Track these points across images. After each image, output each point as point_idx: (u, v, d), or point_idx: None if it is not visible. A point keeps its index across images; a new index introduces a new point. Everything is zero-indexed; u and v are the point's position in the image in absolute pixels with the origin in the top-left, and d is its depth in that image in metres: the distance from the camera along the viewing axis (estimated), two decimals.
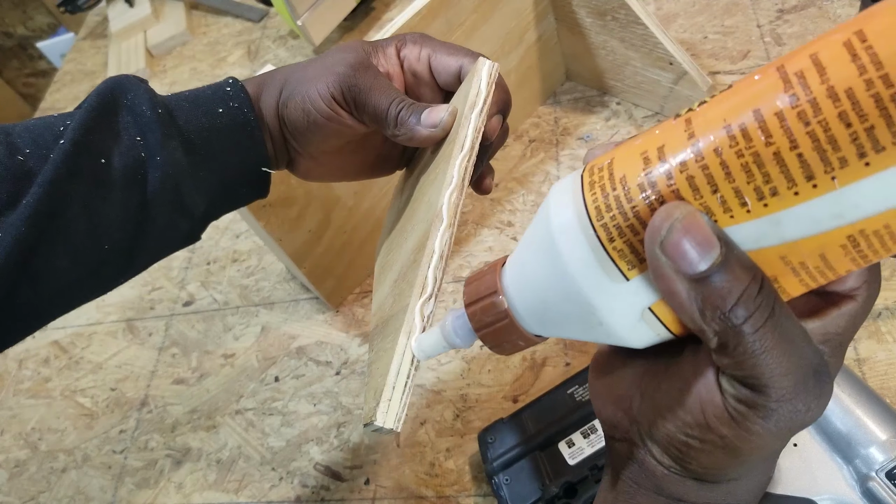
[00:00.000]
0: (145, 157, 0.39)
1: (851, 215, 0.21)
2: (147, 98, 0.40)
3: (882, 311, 0.54)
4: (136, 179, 0.39)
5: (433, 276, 0.36)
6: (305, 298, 0.72)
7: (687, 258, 0.22)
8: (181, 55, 1.08)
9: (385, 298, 0.42)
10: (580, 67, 0.76)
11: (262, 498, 0.61)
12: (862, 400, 0.46)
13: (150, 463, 0.67)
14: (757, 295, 0.22)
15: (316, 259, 0.65)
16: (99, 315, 0.81)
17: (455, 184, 0.38)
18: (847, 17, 0.72)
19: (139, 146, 0.39)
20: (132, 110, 0.39)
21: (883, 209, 0.21)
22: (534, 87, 0.76)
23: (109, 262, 0.40)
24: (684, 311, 0.23)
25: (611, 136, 0.72)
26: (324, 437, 0.63)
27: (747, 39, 0.74)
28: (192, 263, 0.81)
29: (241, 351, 0.71)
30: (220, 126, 0.41)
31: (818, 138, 0.20)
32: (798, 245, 0.22)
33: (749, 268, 0.22)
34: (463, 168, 0.38)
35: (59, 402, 0.75)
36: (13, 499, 0.69)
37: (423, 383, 0.62)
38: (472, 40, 0.66)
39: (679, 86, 0.67)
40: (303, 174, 0.46)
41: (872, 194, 0.20)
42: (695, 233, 0.22)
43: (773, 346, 0.23)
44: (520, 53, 0.72)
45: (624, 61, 0.70)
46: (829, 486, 0.45)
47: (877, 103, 0.19)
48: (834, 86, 0.20)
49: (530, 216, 0.69)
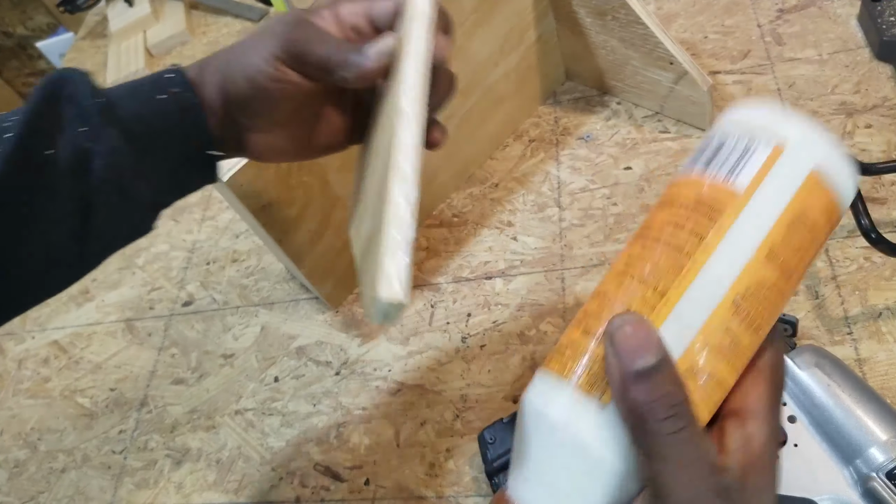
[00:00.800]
0: (88, 147, 0.39)
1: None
2: (88, 89, 0.40)
3: (883, 311, 0.54)
4: (81, 170, 0.39)
5: (409, 165, 0.34)
6: (305, 298, 0.72)
7: (630, 356, 0.25)
8: (181, 55, 1.08)
9: (364, 230, 0.41)
10: (580, 67, 0.76)
11: (261, 498, 0.61)
12: (862, 400, 0.46)
13: (149, 463, 0.67)
14: (679, 404, 0.24)
15: (316, 259, 0.65)
16: (98, 315, 0.81)
17: (412, 83, 0.36)
18: (847, 17, 0.72)
19: (82, 136, 0.39)
20: (74, 101, 0.39)
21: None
22: (534, 87, 0.76)
23: (59, 255, 0.41)
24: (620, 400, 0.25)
25: (611, 136, 0.72)
26: (323, 437, 0.63)
27: (747, 39, 0.74)
28: (191, 263, 0.81)
29: (241, 351, 0.71)
30: (160, 112, 0.41)
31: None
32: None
33: (677, 379, 0.25)
34: (419, 72, 0.36)
35: (59, 403, 0.74)
36: (13, 499, 0.69)
37: (422, 383, 0.62)
38: (472, 41, 0.66)
39: (679, 85, 0.66)
40: (256, 155, 0.45)
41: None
42: (639, 333, 0.25)
43: (679, 455, 0.24)
44: (520, 53, 0.72)
45: (624, 61, 0.70)
46: (830, 486, 0.45)
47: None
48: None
49: (530, 216, 0.69)
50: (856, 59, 0.68)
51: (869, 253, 0.57)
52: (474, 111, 0.71)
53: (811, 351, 0.49)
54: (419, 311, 0.67)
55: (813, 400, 0.47)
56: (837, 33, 0.71)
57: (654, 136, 0.70)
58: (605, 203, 0.68)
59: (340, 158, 0.61)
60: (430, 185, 0.71)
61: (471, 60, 0.67)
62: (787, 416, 0.48)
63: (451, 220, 0.72)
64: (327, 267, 0.66)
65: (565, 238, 0.67)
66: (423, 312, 0.67)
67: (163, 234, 0.85)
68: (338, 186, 0.62)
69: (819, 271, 0.57)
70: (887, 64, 0.67)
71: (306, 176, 0.59)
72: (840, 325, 0.54)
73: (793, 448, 0.47)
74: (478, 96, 0.70)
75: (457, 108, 0.68)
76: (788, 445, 0.47)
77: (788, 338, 0.51)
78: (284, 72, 0.40)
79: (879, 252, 0.52)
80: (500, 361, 0.61)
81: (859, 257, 0.57)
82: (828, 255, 0.58)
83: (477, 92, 0.70)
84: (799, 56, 0.71)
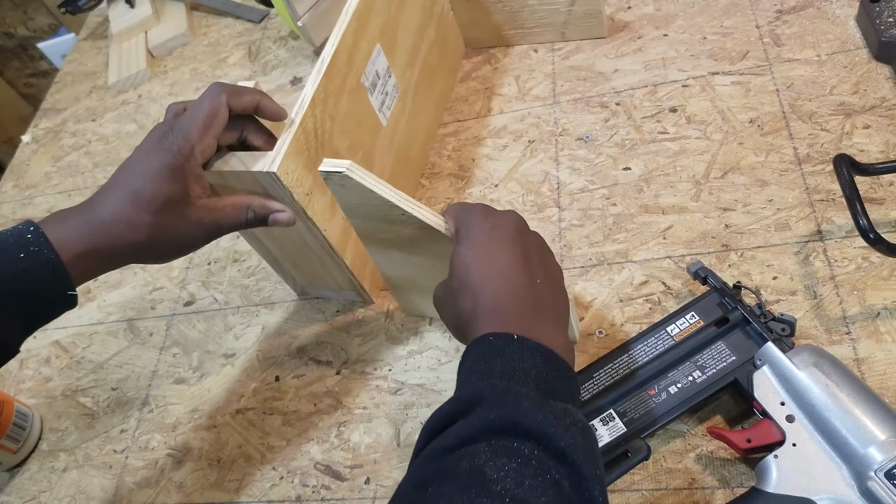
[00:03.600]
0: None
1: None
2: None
3: (881, 310, 0.54)
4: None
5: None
6: (306, 298, 0.73)
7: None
8: (182, 56, 1.09)
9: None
10: (478, 32, 0.83)
11: (262, 497, 0.61)
12: (861, 400, 0.46)
13: (150, 462, 0.67)
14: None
15: (354, 246, 0.64)
16: (100, 315, 0.81)
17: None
18: (845, 18, 0.72)
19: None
20: None
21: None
22: (449, 61, 0.82)
23: None
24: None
25: (610, 137, 0.72)
26: (324, 436, 0.63)
27: (746, 40, 0.74)
28: (192, 263, 0.81)
29: (242, 351, 0.71)
30: (22, 270, 0.46)
31: None
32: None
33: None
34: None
35: (61, 402, 0.75)
36: (14, 498, 0.69)
37: (423, 383, 0.63)
38: (403, 13, 0.70)
39: (576, 6, 0.74)
40: (152, 261, 0.53)
41: None
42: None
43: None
44: (434, 26, 0.77)
45: (520, 6, 0.77)
46: (828, 485, 0.45)
47: None
48: None
49: (530, 216, 0.69)
50: (854, 60, 0.69)
51: (867, 253, 0.57)
52: (421, 82, 0.75)
53: (809, 350, 0.49)
54: None
55: (811, 399, 0.47)
56: (836, 34, 0.71)
57: (654, 136, 0.71)
58: (604, 203, 0.68)
59: (349, 139, 0.61)
60: (408, 160, 0.74)
61: (408, 31, 0.71)
62: (786, 416, 0.48)
63: None
64: (364, 255, 0.66)
65: (565, 238, 0.67)
66: None
67: None
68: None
69: (817, 271, 0.57)
70: (886, 65, 0.67)
71: (329, 158, 0.59)
72: (838, 325, 0.55)
73: (791, 448, 0.47)
74: (419, 66, 0.74)
75: (409, 80, 0.73)
76: (787, 445, 0.47)
77: (787, 337, 0.51)
78: (171, 226, 0.50)
79: (877, 252, 0.52)
80: None
81: (857, 257, 0.57)
82: (826, 255, 0.58)
83: (418, 62, 0.74)
84: (797, 57, 0.71)
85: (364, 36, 0.63)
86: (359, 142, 0.64)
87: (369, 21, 0.63)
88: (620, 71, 0.77)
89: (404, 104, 0.72)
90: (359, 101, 0.63)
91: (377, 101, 0.66)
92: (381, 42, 0.66)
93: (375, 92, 0.65)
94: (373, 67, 0.64)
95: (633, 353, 0.54)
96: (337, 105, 0.60)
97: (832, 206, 0.61)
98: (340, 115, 0.60)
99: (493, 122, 0.79)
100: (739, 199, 0.64)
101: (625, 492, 0.52)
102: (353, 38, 0.61)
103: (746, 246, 0.61)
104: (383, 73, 0.67)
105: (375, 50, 0.65)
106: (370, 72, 0.64)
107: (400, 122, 0.71)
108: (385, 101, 0.68)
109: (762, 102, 0.69)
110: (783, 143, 0.66)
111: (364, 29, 0.63)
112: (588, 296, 0.62)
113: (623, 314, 0.60)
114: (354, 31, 0.61)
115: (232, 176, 0.54)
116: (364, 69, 0.63)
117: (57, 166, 1.02)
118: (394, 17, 0.68)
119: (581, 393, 0.53)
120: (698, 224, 0.63)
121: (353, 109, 0.62)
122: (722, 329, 0.53)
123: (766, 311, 0.53)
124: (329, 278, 0.67)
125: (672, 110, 0.72)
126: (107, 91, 1.09)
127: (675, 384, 0.52)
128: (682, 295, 0.60)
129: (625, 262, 0.63)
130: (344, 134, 0.61)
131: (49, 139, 1.07)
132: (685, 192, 0.66)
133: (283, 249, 0.65)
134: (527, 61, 0.82)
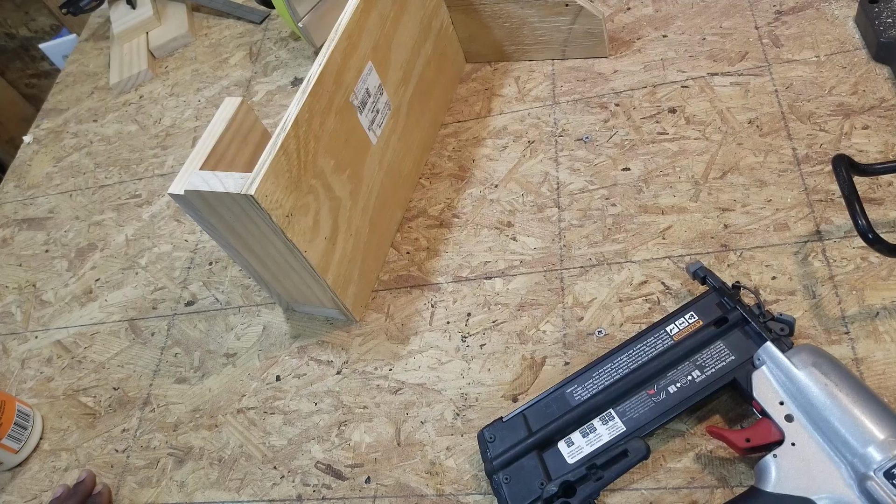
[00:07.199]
0: None
1: None
2: None
3: (880, 310, 0.54)
4: None
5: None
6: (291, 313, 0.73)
7: None
8: (183, 57, 1.09)
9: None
10: (477, 47, 0.82)
11: (263, 496, 0.62)
12: (860, 399, 0.46)
13: (152, 462, 0.67)
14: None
15: (337, 268, 0.64)
16: (102, 315, 0.81)
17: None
18: (844, 18, 0.72)
19: None
20: None
21: None
22: (447, 75, 0.81)
23: None
24: None
25: (609, 137, 0.72)
26: (325, 435, 0.63)
27: (745, 41, 0.75)
28: (194, 264, 0.81)
29: (243, 350, 0.72)
30: None
31: None
32: None
33: None
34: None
35: (62, 402, 0.75)
36: (16, 497, 0.69)
37: (423, 382, 0.63)
38: (399, 29, 0.69)
39: (577, 24, 0.74)
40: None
41: None
42: None
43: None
44: (432, 41, 0.77)
45: (521, 23, 0.76)
46: (827, 485, 0.45)
47: None
48: None
49: (530, 216, 0.70)
50: (853, 61, 0.69)
51: (866, 253, 0.57)
52: (415, 98, 0.74)
53: (808, 350, 0.49)
54: (419, 310, 0.68)
55: (810, 399, 0.47)
56: (835, 35, 0.71)
57: (653, 137, 0.71)
58: (603, 203, 0.68)
59: (335, 159, 0.61)
60: (399, 177, 0.73)
61: (403, 48, 0.70)
62: (785, 416, 0.48)
63: (452, 220, 0.73)
64: (347, 275, 0.66)
65: (564, 238, 0.67)
66: (424, 312, 0.67)
67: (166, 234, 0.85)
68: (337, 187, 0.63)
69: (816, 271, 0.58)
70: (884, 65, 0.67)
71: (312, 179, 0.59)
72: (837, 325, 0.55)
73: (790, 447, 0.47)
74: (414, 83, 0.74)
75: (403, 97, 0.71)
76: (786, 444, 0.47)
77: (786, 337, 0.52)
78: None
79: (876, 252, 0.52)
80: (500, 361, 0.62)
81: (856, 257, 0.57)
82: (825, 255, 0.58)
83: (413, 78, 0.73)
84: (796, 57, 0.71)
85: (354, 54, 0.62)
86: (345, 161, 0.63)
87: (360, 39, 0.62)
88: (620, 72, 0.77)
89: (396, 121, 0.71)
90: (347, 119, 0.62)
91: (367, 120, 0.65)
92: (374, 59, 0.65)
93: (365, 110, 0.64)
94: (363, 85, 0.63)
95: (632, 352, 0.55)
96: (323, 125, 0.59)
97: (831, 207, 0.61)
98: (326, 135, 0.59)
99: (493, 122, 0.79)
100: (738, 199, 0.64)
101: (624, 491, 0.52)
102: (342, 57, 0.60)
103: (745, 246, 0.61)
104: (374, 91, 0.65)
105: (367, 67, 0.64)
106: (360, 90, 0.63)
107: (391, 140, 0.70)
108: (376, 119, 0.66)
109: (761, 103, 0.69)
110: (782, 144, 0.66)
111: (354, 48, 0.62)
112: (587, 296, 0.63)
113: (622, 314, 0.61)
114: (344, 50, 0.60)
115: (212, 196, 0.54)
116: (353, 87, 0.62)
117: (58, 167, 1.02)
118: (388, 33, 0.67)
119: (568, 400, 0.54)
120: (697, 224, 0.64)
121: (340, 129, 0.61)
122: (721, 329, 0.54)
123: (764, 310, 0.53)
124: (312, 296, 0.66)
125: (671, 111, 0.72)
126: (108, 92, 1.10)
127: (674, 384, 0.52)
128: (682, 295, 0.60)
129: (624, 262, 0.64)
130: (329, 153, 0.60)
131: (50, 140, 1.07)
132: (684, 193, 0.66)
133: (266, 268, 0.64)
134: (527, 62, 0.83)
